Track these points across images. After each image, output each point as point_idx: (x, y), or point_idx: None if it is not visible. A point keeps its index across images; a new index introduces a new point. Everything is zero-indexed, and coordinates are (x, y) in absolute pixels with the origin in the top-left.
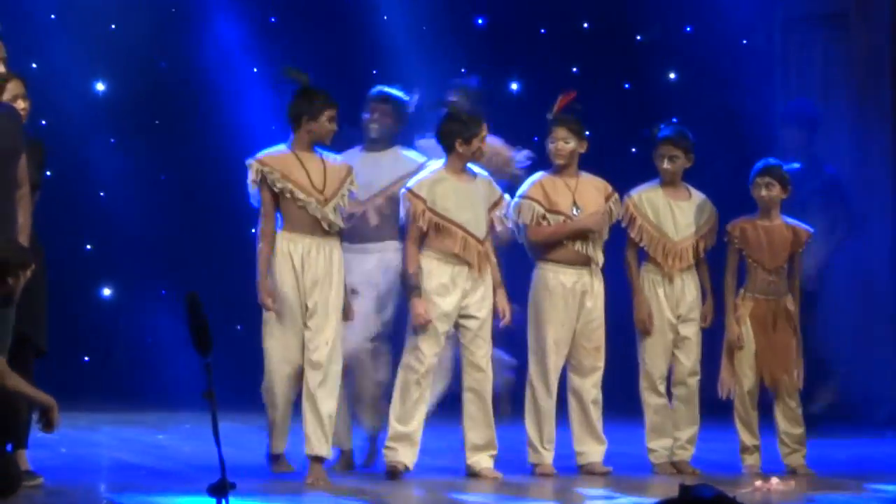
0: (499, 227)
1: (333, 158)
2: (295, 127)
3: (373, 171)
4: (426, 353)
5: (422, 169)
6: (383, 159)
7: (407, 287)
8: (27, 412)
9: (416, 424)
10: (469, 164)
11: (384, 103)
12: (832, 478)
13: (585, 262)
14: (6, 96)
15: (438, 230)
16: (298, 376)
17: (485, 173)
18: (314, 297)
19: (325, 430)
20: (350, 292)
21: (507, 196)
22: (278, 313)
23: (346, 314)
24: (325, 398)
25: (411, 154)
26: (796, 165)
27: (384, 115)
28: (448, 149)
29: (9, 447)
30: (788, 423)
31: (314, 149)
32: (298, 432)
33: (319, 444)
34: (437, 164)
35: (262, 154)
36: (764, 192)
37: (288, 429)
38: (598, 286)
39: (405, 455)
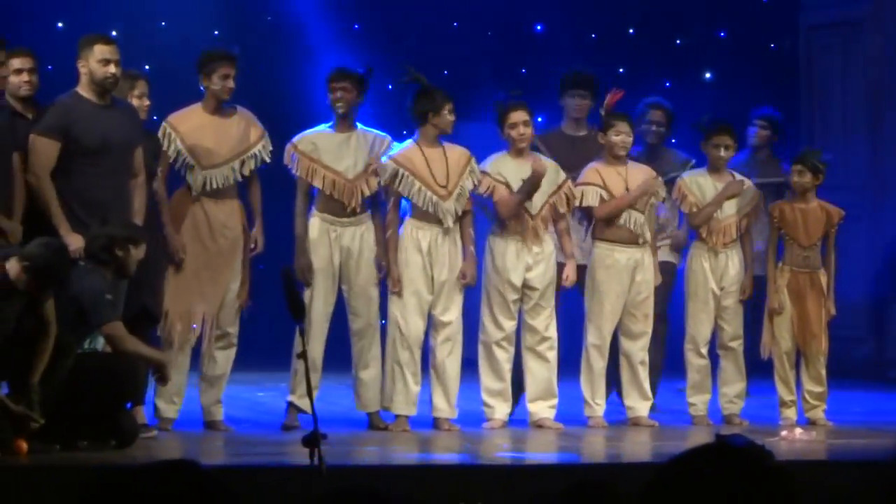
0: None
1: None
2: (421, 122)
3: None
4: (501, 320)
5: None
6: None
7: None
8: (145, 372)
9: (507, 382)
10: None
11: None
12: (849, 428)
13: (636, 241)
14: (135, 93)
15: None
16: None
17: (548, 159)
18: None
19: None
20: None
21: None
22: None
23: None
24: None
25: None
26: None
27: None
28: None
29: (128, 405)
30: (812, 382)
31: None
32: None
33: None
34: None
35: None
36: (797, 179)
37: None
38: (648, 261)
39: (500, 410)
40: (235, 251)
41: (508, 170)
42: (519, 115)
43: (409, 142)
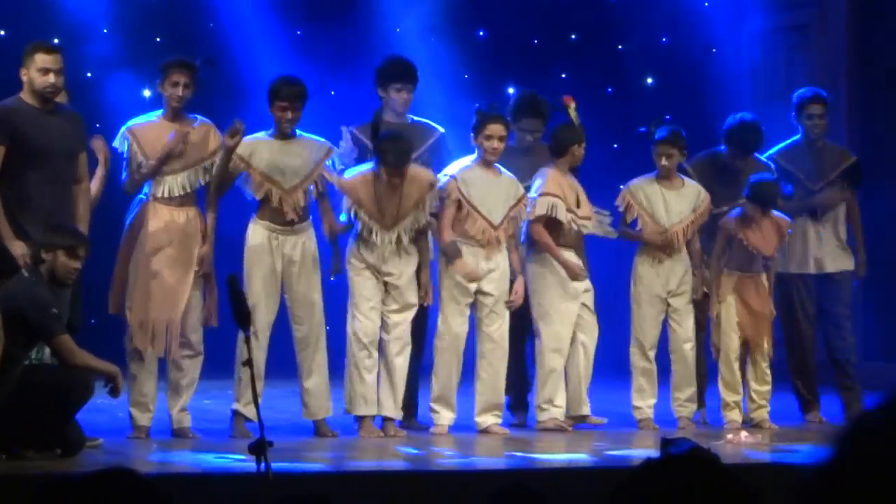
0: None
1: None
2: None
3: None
4: (452, 323)
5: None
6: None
7: (448, 257)
8: (93, 384)
9: (453, 387)
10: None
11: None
12: (793, 430)
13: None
14: None
15: (465, 216)
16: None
17: (509, 173)
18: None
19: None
20: None
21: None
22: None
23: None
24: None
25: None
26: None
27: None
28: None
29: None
30: (757, 381)
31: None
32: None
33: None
34: (467, 158)
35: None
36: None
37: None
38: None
39: (446, 415)
40: (195, 257)
41: (475, 180)
42: (496, 129)
43: (368, 167)
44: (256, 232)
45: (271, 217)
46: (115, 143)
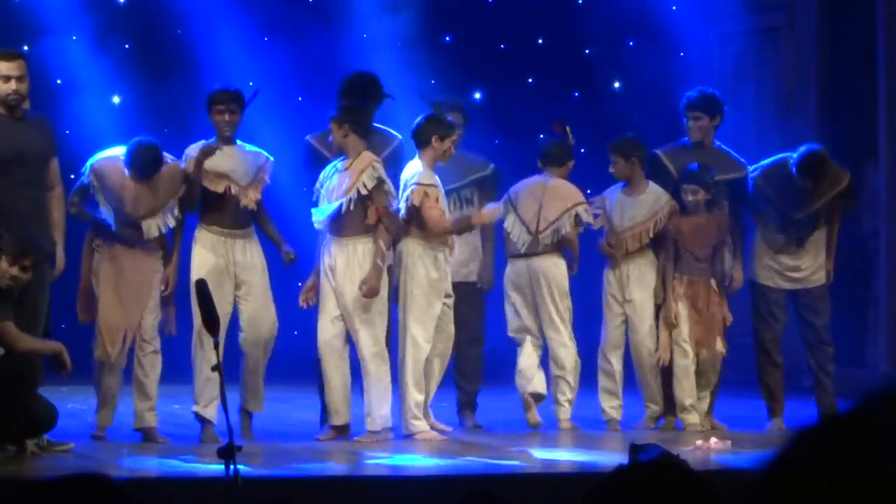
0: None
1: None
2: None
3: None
4: (431, 332)
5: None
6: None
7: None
8: (41, 365)
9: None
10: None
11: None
12: (762, 436)
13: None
14: None
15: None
16: None
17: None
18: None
19: None
20: None
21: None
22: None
23: None
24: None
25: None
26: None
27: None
28: (424, 144)
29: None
30: (699, 386)
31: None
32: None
33: None
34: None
35: None
36: (691, 198)
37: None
38: None
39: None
40: (155, 266)
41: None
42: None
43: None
44: (204, 236)
45: (218, 221)
46: (84, 179)
